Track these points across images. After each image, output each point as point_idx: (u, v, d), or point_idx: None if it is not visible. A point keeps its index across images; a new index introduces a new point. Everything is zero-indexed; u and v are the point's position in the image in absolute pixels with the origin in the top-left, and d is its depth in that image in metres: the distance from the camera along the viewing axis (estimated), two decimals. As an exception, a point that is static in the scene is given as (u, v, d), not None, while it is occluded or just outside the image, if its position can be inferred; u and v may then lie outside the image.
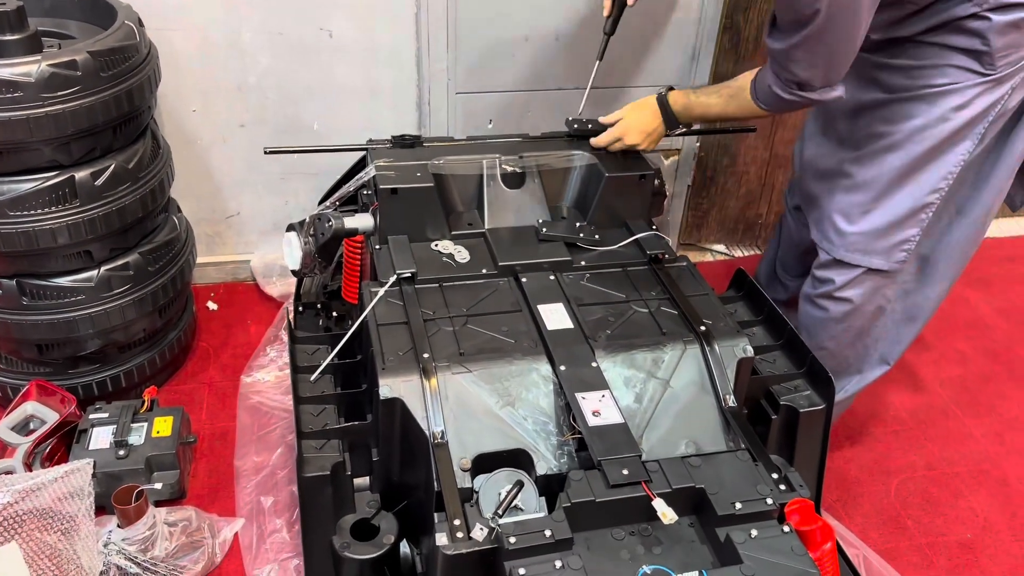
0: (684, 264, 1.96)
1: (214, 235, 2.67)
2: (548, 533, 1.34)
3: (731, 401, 1.67)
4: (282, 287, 2.62)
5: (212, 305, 2.62)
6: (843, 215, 1.85)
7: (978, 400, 2.47)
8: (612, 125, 2.05)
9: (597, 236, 1.96)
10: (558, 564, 1.31)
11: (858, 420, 2.36)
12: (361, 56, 2.43)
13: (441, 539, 1.36)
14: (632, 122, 2.02)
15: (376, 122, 2.50)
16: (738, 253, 3.03)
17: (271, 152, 2.12)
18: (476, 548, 1.35)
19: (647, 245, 1.96)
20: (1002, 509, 2.13)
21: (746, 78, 1.85)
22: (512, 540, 1.32)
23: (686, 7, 2.49)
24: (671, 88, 2.00)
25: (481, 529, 1.37)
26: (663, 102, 1.98)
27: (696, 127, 2.42)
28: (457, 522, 1.39)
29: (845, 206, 1.85)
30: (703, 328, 1.73)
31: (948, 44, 1.64)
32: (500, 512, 1.41)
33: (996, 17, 1.57)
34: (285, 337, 2.43)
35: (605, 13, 2.13)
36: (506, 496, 1.44)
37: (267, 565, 1.83)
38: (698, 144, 2.76)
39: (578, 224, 1.99)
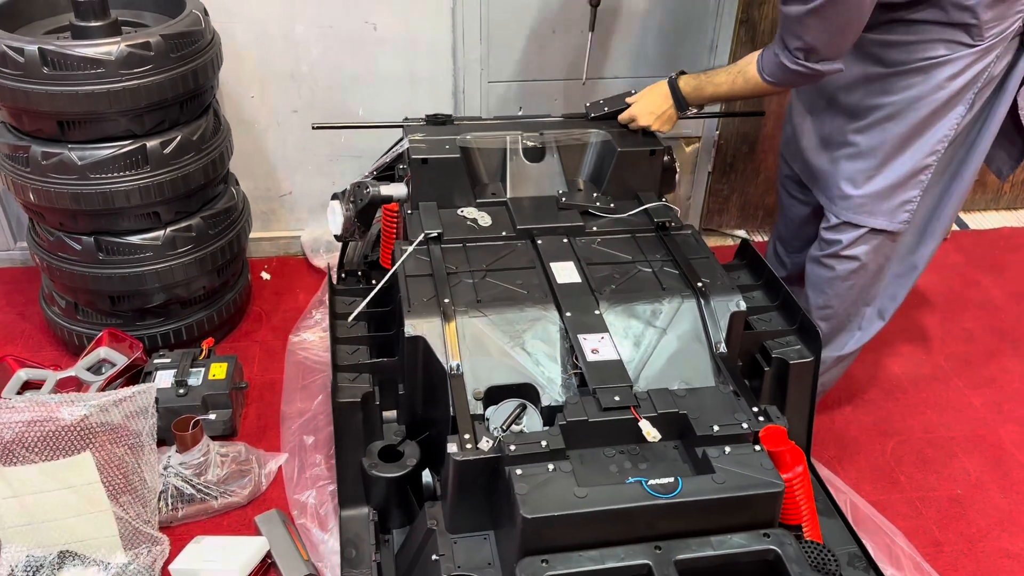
0: (689, 232, 2.13)
1: (268, 212, 2.92)
2: (544, 443, 1.53)
3: (722, 348, 1.84)
4: (328, 260, 2.86)
5: (265, 275, 2.87)
6: (849, 181, 2.00)
7: (980, 373, 2.58)
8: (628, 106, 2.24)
9: (612, 205, 2.15)
10: (551, 467, 1.50)
11: (861, 387, 2.50)
12: (402, 47, 2.66)
13: (452, 448, 1.56)
14: (644, 105, 2.21)
15: (415, 108, 2.71)
16: (758, 238, 3.18)
17: (318, 127, 2.35)
18: (482, 456, 1.54)
19: (655, 214, 2.14)
20: (994, 470, 2.25)
21: (752, 56, 2.01)
22: (512, 448, 1.52)
23: (704, 1, 2.67)
24: (683, 72, 2.17)
25: (487, 441, 1.57)
26: (673, 85, 2.16)
27: (708, 110, 2.60)
28: (467, 436, 1.58)
29: (851, 173, 2.00)
30: (700, 284, 1.90)
31: (939, 20, 1.78)
32: (504, 428, 1.61)
33: None
34: (329, 301, 2.67)
35: None
36: (510, 414, 1.63)
37: (306, 491, 2.05)
38: (718, 132, 2.93)
39: (595, 195, 2.18)
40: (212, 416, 2.15)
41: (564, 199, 2.14)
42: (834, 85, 2.04)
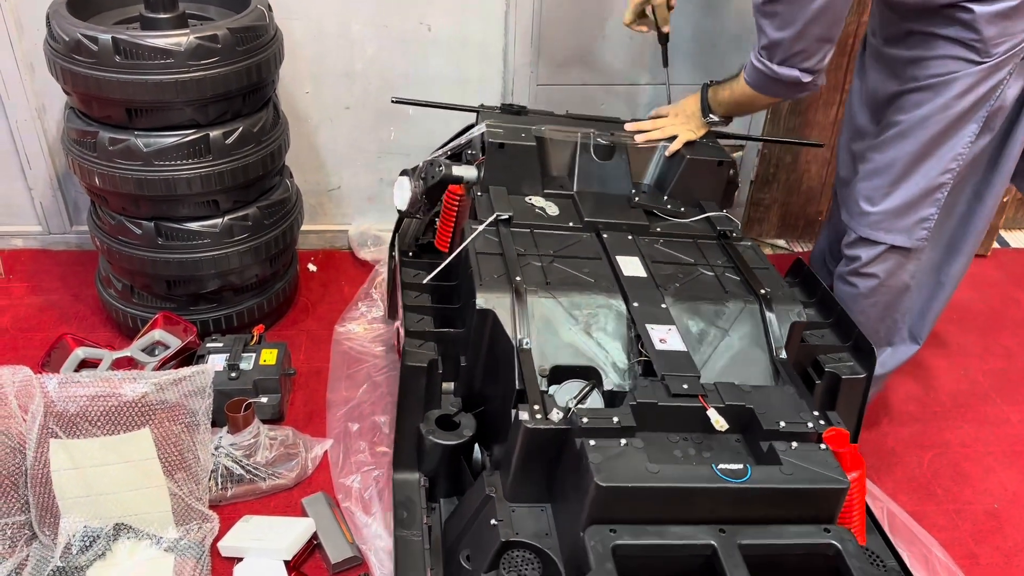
0: (750, 243, 2.13)
1: (317, 206, 2.98)
2: (616, 419, 1.55)
3: (782, 354, 1.85)
4: (374, 253, 2.92)
5: (312, 267, 2.93)
6: (866, 198, 2.02)
7: (1019, 390, 2.59)
8: None
9: (683, 209, 2.19)
10: (623, 443, 1.52)
11: (900, 400, 2.51)
12: (454, 49, 2.71)
13: (523, 415, 1.57)
14: (681, 104, 2.27)
15: (464, 109, 2.78)
16: (798, 248, 3.20)
17: (398, 101, 2.40)
18: (552, 426, 1.56)
19: (717, 223, 2.16)
20: (1032, 486, 2.26)
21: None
22: (584, 420, 1.53)
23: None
24: (716, 81, 2.21)
25: (557, 412, 1.59)
26: (703, 90, 2.21)
27: (769, 132, 2.62)
28: (536, 407, 1.60)
29: (868, 189, 2.02)
30: (763, 292, 1.91)
31: (947, 35, 1.79)
32: (575, 403, 1.63)
33: (978, 8, 1.72)
34: (375, 294, 2.72)
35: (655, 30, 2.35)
36: (580, 391, 1.65)
37: (351, 476, 2.10)
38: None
39: (665, 198, 2.22)
40: (263, 400, 2.21)
41: (638, 199, 2.18)
42: (872, 100, 2.06)
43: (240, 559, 1.90)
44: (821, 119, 2.90)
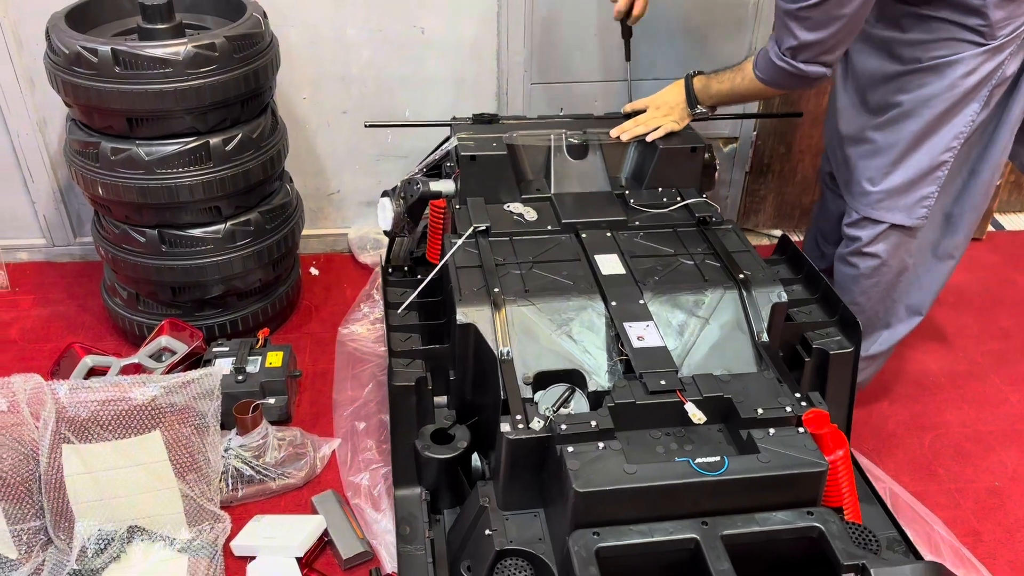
0: (730, 227, 2.18)
1: (317, 210, 3.01)
2: (594, 423, 1.60)
3: (764, 337, 1.89)
4: (374, 257, 2.95)
5: (314, 271, 2.97)
6: (868, 178, 2.05)
7: (1017, 370, 2.61)
8: None
9: (665, 200, 2.23)
10: (601, 446, 1.56)
11: (898, 382, 2.54)
12: (448, 50, 2.74)
13: (505, 427, 1.63)
14: (660, 96, 2.29)
15: (460, 109, 2.78)
16: (794, 238, 3.21)
17: (371, 125, 2.45)
18: (534, 435, 1.61)
19: (696, 209, 2.20)
20: (1032, 463, 2.29)
21: (753, 56, 2.07)
22: (563, 427, 1.58)
23: (743, 2, 2.73)
24: (700, 72, 2.24)
25: (538, 421, 1.63)
26: (688, 82, 2.24)
27: (745, 110, 2.64)
28: (519, 416, 1.65)
29: (869, 169, 2.04)
30: (742, 276, 1.96)
31: (951, 19, 1.82)
32: (554, 409, 1.68)
33: None
34: (377, 296, 2.76)
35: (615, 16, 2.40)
36: (560, 397, 1.70)
37: (360, 473, 2.13)
38: (755, 132, 2.98)
39: (660, 190, 2.27)
40: (271, 401, 2.24)
41: (634, 200, 2.21)
42: (863, 82, 2.08)
43: (253, 558, 1.95)
44: (813, 108, 2.93)
